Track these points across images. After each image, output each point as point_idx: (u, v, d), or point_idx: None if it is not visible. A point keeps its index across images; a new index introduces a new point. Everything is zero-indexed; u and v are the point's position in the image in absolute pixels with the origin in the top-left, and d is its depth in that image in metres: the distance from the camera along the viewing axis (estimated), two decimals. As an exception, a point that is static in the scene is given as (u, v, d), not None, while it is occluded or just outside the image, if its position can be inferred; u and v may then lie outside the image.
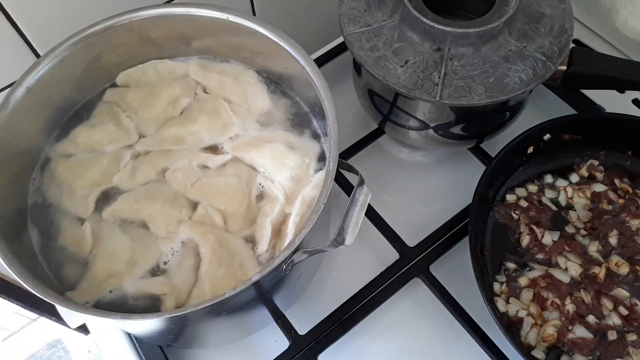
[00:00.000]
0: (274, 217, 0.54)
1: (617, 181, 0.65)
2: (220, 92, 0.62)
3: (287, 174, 0.56)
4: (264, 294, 0.52)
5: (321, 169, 0.56)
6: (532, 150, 0.66)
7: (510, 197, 0.65)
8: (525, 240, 0.62)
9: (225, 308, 0.47)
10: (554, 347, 0.56)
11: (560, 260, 0.60)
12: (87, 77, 0.60)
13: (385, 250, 0.65)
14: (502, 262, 0.61)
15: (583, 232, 0.62)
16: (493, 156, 0.64)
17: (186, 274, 0.52)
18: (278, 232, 0.54)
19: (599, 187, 0.64)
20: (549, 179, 0.66)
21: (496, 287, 0.60)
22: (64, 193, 0.56)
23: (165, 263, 0.53)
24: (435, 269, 0.63)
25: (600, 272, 0.59)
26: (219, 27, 0.59)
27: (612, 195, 0.64)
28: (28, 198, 0.56)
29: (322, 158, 0.57)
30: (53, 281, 0.52)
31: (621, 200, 0.63)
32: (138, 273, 0.52)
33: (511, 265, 0.61)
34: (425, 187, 0.72)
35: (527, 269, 0.60)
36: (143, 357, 0.60)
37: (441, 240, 0.64)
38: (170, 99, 0.61)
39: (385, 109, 0.65)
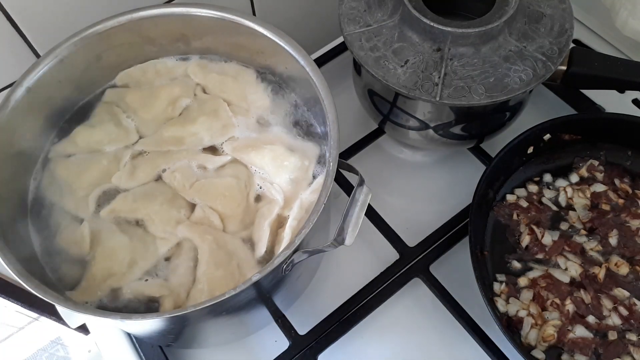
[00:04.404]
0: (272, 219, 0.53)
1: (617, 181, 0.65)
2: (219, 92, 0.62)
3: (286, 176, 0.56)
4: (264, 294, 0.52)
5: (321, 172, 0.56)
6: (532, 150, 0.66)
7: (510, 197, 0.65)
8: (525, 240, 0.62)
9: (225, 308, 0.47)
10: (554, 347, 0.56)
11: (560, 260, 0.60)
12: (87, 77, 0.60)
13: (385, 250, 0.65)
14: (502, 262, 0.61)
15: (583, 232, 0.62)
16: (493, 156, 0.64)
17: (184, 275, 0.52)
18: (276, 234, 0.54)
19: (599, 187, 0.64)
20: (548, 179, 0.66)
21: (496, 287, 0.60)
22: (64, 193, 0.56)
23: (163, 264, 0.53)
24: (435, 269, 0.63)
25: (600, 272, 0.59)
26: (219, 27, 0.59)
27: (612, 195, 0.64)
28: (28, 198, 0.56)
29: (321, 159, 0.57)
30: (53, 281, 0.52)
31: (621, 200, 0.63)
32: (137, 273, 0.52)
33: (511, 265, 0.61)
34: (425, 187, 0.72)
35: (527, 269, 0.60)
36: (143, 357, 0.60)
37: (441, 240, 0.64)
38: (170, 99, 0.61)
39: (385, 109, 0.65)
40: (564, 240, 0.61)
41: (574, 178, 0.66)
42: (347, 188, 0.68)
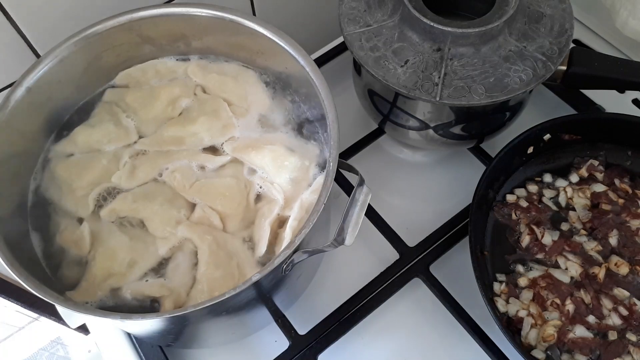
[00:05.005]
0: (272, 219, 0.53)
1: (617, 181, 0.65)
2: (219, 92, 0.62)
3: (286, 176, 0.56)
4: (264, 294, 0.52)
5: (321, 173, 0.56)
6: (532, 150, 0.66)
7: (510, 197, 0.65)
8: (525, 240, 0.62)
9: (225, 308, 0.47)
10: (554, 347, 0.56)
11: (560, 260, 0.60)
12: (87, 77, 0.60)
13: (385, 250, 0.65)
14: (502, 262, 0.61)
15: (583, 232, 0.62)
16: (493, 156, 0.64)
17: (184, 275, 0.52)
18: (276, 235, 0.54)
19: (599, 187, 0.64)
20: (548, 179, 0.66)
21: (496, 287, 0.60)
22: (64, 193, 0.56)
23: (163, 264, 0.53)
24: (435, 269, 0.63)
25: (600, 272, 0.59)
26: (219, 27, 0.59)
27: (612, 195, 0.64)
28: (28, 198, 0.56)
29: (322, 159, 0.57)
30: (53, 281, 0.52)
31: (621, 200, 0.63)
32: (137, 273, 0.52)
33: (511, 266, 0.61)
34: (425, 187, 0.72)
35: (527, 269, 0.60)
36: (143, 357, 0.60)
37: (441, 240, 0.64)
38: (170, 99, 0.61)
39: (385, 109, 0.65)
40: (564, 240, 0.61)
41: (574, 178, 0.66)
42: (347, 188, 0.68)
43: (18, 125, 0.54)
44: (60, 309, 0.48)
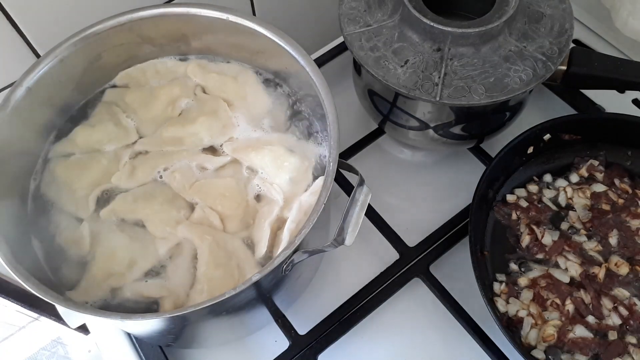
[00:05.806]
0: (272, 219, 0.53)
1: (617, 181, 0.65)
2: (219, 92, 0.62)
3: (286, 177, 0.56)
4: (264, 294, 0.52)
5: (321, 173, 0.56)
6: (532, 150, 0.66)
7: (510, 197, 0.65)
8: (525, 240, 0.62)
9: (225, 308, 0.47)
10: (554, 347, 0.56)
11: (560, 260, 0.60)
12: (87, 77, 0.60)
13: (385, 250, 0.65)
14: (502, 262, 0.61)
15: (583, 232, 0.62)
16: (493, 156, 0.64)
17: (184, 275, 0.52)
18: (275, 236, 0.54)
19: (599, 187, 0.64)
20: (548, 179, 0.66)
21: (496, 287, 0.60)
22: (64, 193, 0.56)
23: (163, 264, 0.53)
24: (435, 269, 0.63)
25: (600, 272, 0.59)
26: (219, 27, 0.59)
27: (612, 195, 0.64)
28: (28, 198, 0.56)
29: (321, 160, 0.57)
30: (53, 281, 0.52)
31: (621, 200, 0.63)
32: (137, 273, 0.52)
33: (511, 265, 0.61)
34: (425, 187, 0.72)
35: (527, 269, 0.60)
36: (143, 357, 0.60)
37: (441, 240, 0.64)
38: (169, 100, 0.61)
39: (385, 109, 0.65)
40: (564, 240, 0.61)
41: (574, 178, 0.66)
42: (347, 188, 0.68)
43: (18, 126, 0.54)
44: (60, 309, 0.48)
